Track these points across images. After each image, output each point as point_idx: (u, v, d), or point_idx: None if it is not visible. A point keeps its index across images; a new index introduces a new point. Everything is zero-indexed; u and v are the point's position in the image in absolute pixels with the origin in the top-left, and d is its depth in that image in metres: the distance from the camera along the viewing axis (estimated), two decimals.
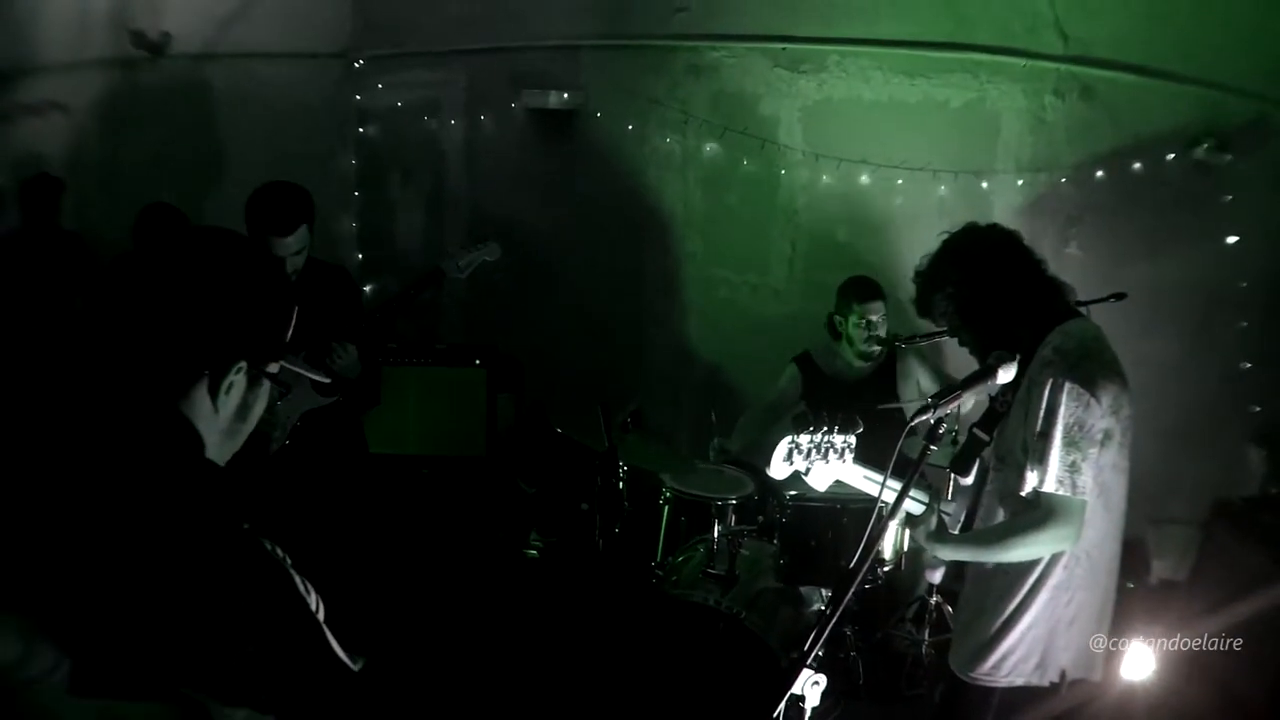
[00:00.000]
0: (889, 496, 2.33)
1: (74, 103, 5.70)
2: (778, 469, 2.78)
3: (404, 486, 5.15)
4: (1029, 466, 2.56)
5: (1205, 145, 4.82)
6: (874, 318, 4.44)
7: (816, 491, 3.91)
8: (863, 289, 4.50)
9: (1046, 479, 2.52)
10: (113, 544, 1.24)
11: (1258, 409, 4.99)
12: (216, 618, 1.23)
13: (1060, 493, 2.51)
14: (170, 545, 1.25)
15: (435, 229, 6.10)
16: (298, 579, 1.37)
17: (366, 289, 5.82)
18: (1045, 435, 2.53)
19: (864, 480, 2.88)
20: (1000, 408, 2.75)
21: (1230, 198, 4.89)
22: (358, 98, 5.97)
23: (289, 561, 1.38)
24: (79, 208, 5.46)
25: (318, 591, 1.42)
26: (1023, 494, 2.60)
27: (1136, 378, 2.70)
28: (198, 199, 5.45)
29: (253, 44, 5.77)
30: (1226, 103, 4.78)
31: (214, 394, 1.42)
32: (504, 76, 5.76)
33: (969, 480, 2.82)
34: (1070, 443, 2.50)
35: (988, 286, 2.71)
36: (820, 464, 2.80)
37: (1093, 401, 2.51)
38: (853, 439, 2.80)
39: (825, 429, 2.77)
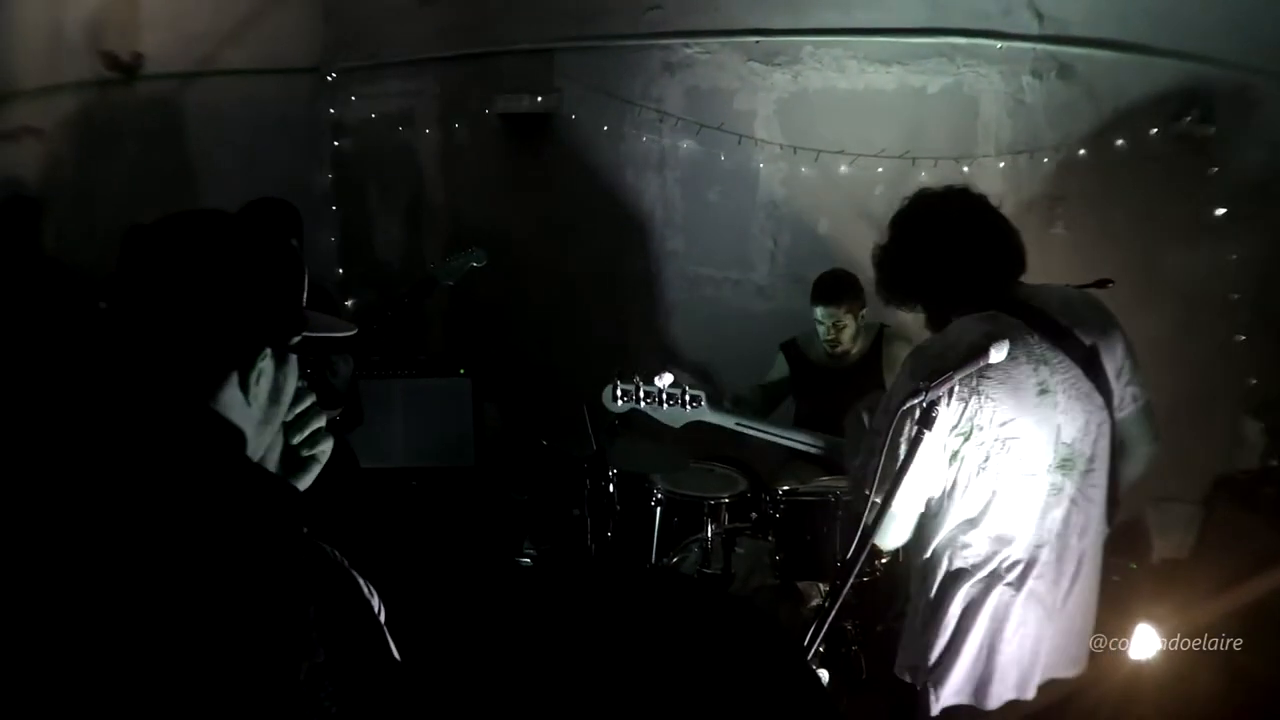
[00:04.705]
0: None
1: (48, 126, 5.65)
2: (609, 404, 3.35)
3: (394, 500, 5.07)
4: None
5: (1189, 118, 4.73)
6: (828, 321, 4.43)
7: (809, 487, 3.95)
8: (823, 289, 4.47)
9: None
10: (155, 563, 1.11)
11: (1254, 381, 4.92)
12: (287, 628, 1.11)
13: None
14: (227, 556, 1.13)
15: (415, 239, 6.06)
16: (361, 582, 1.27)
17: (349, 303, 5.77)
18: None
19: (744, 427, 3.30)
20: None
21: (1216, 169, 4.81)
22: (331, 111, 5.93)
23: (347, 563, 1.27)
24: (54, 231, 5.38)
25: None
26: None
27: None
28: None
29: (225, 62, 5.76)
30: (1207, 74, 4.69)
31: (245, 388, 1.31)
32: (477, 83, 5.73)
33: None
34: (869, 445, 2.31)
35: (920, 259, 2.44)
36: (656, 408, 3.28)
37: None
38: (700, 392, 3.22)
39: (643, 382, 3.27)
